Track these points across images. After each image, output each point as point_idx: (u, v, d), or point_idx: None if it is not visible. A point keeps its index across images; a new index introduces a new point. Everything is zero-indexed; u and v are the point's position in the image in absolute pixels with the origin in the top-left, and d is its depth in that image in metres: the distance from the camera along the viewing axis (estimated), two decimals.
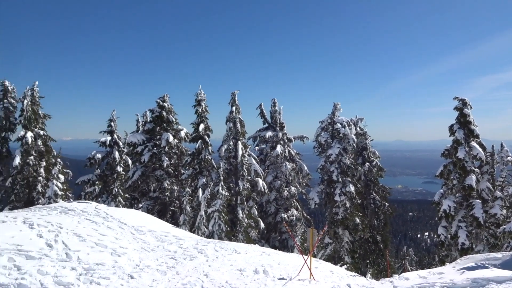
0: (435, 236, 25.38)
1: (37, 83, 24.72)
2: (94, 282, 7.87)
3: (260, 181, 25.62)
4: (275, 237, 27.47)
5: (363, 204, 27.10)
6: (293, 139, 29.47)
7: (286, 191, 26.75)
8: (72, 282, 7.77)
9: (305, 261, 10.19)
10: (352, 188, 24.23)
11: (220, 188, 21.50)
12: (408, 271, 26.94)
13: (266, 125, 29.70)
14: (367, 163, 27.32)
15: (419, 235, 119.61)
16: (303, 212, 28.24)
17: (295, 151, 29.60)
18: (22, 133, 23.42)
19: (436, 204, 20.44)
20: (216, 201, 21.34)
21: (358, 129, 27.90)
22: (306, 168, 28.90)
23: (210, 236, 20.71)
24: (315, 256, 20.98)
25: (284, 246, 26.48)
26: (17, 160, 22.70)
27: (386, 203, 27.42)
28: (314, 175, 29.36)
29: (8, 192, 23.56)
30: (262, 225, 25.42)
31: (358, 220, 24.41)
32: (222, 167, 23.00)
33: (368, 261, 26.81)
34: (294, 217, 26.55)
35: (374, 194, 27.23)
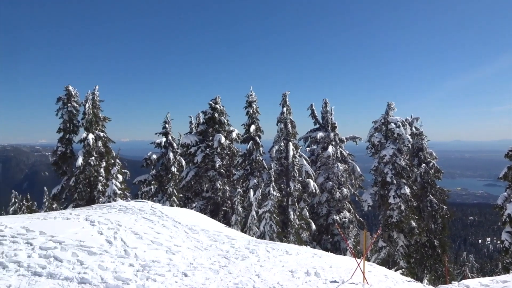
0: (498, 242, 23.94)
1: (97, 87, 25.98)
2: (150, 279, 8.14)
3: (312, 182, 25.41)
4: (327, 239, 27.12)
5: (419, 207, 26.09)
6: (345, 140, 28.97)
7: (338, 192, 26.34)
8: (130, 278, 8.09)
9: (358, 264, 9.97)
10: (407, 190, 23.41)
11: (271, 189, 21.56)
12: (469, 278, 25.61)
13: (317, 125, 29.41)
14: (424, 165, 26.28)
15: (480, 241, 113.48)
16: (356, 214, 27.68)
17: (347, 152, 29.08)
18: (84, 135, 24.65)
19: (500, 208, 19.29)
20: (267, 202, 21.43)
21: (413, 129, 26.90)
22: (358, 169, 28.32)
23: (262, 236, 20.82)
24: (368, 260, 20.48)
25: (336, 248, 26.09)
26: (80, 161, 23.96)
27: (444, 206, 26.21)
28: (367, 177, 28.69)
29: (71, 190, 24.93)
30: (313, 226, 25.19)
31: (414, 224, 23.55)
32: (273, 168, 23.06)
33: (425, 266, 25.78)
34: (346, 219, 26.09)
35: (431, 196, 26.13)
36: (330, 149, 26.82)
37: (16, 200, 44.09)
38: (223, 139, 24.98)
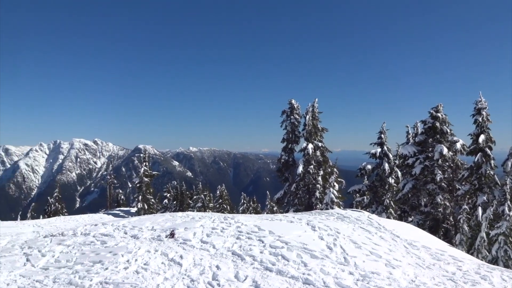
0: None
1: (316, 100, 27.52)
2: None
3: None
4: None
5: None
6: None
7: None
8: (350, 286, 8.14)
9: None
10: None
11: (506, 209, 18.70)
12: None
13: None
14: None
15: None
16: None
17: None
18: (304, 144, 26.40)
19: None
20: (502, 223, 18.65)
21: None
22: None
23: (493, 262, 18.24)
24: None
25: None
26: (300, 169, 25.71)
27: None
28: None
29: (292, 196, 26.99)
30: None
31: None
32: (509, 184, 19.95)
33: None
34: None
35: None
36: None
37: (245, 201, 50.20)
38: (445, 150, 22.99)
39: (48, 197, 46.33)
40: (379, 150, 26.15)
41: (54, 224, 22.19)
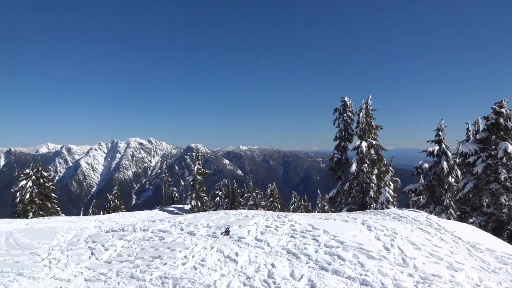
0: None
1: (370, 96, 26.85)
2: None
3: None
4: None
5: None
6: None
7: None
8: None
9: None
10: None
11: None
12: None
13: None
14: None
15: None
16: None
17: None
18: (357, 142, 25.86)
19: None
20: None
21: None
22: None
23: None
24: None
25: None
26: (354, 167, 25.20)
27: None
28: None
29: (345, 195, 26.51)
30: None
31: None
32: None
33: None
34: None
35: None
36: None
37: (295, 200, 50.02)
38: (510, 148, 21.64)
39: (107, 194, 48.56)
40: (436, 148, 25.05)
41: (114, 220, 23.24)
